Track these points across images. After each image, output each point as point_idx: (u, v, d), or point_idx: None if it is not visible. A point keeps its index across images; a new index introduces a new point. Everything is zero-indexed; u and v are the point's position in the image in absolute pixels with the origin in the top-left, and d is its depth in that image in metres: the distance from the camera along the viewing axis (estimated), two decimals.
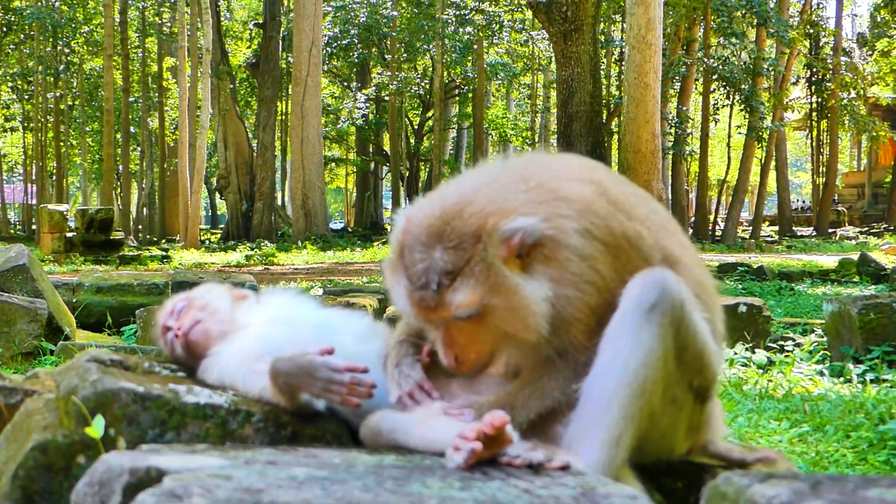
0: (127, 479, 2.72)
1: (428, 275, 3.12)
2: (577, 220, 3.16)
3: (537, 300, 3.12)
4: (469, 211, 3.14)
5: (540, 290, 3.13)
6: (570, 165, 3.50)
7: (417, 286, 3.15)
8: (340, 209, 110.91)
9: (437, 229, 3.14)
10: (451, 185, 3.36)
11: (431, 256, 3.13)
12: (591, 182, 3.31)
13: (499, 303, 3.13)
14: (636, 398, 3.09)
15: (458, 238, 3.11)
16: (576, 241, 3.14)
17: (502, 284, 3.11)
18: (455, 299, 3.12)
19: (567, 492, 2.63)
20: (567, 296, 3.16)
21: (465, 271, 3.10)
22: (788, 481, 2.51)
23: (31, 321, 9.57)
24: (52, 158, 64.81)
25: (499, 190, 3.23)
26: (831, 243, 47.83)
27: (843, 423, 6.72)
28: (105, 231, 32.37)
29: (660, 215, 3.48)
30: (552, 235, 3.13)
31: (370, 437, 3.40)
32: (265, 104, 52.39)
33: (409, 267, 3.18)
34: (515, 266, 3.13)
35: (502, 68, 58.81)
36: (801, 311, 15.10)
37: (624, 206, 3.31)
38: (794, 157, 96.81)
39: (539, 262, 3.14)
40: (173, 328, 3.84)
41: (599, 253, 3.18)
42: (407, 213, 3.31)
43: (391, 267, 3.30)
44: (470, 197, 3.19)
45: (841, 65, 56.13)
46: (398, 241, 3.26)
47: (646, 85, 22.26)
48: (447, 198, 3.23)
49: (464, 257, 3.10)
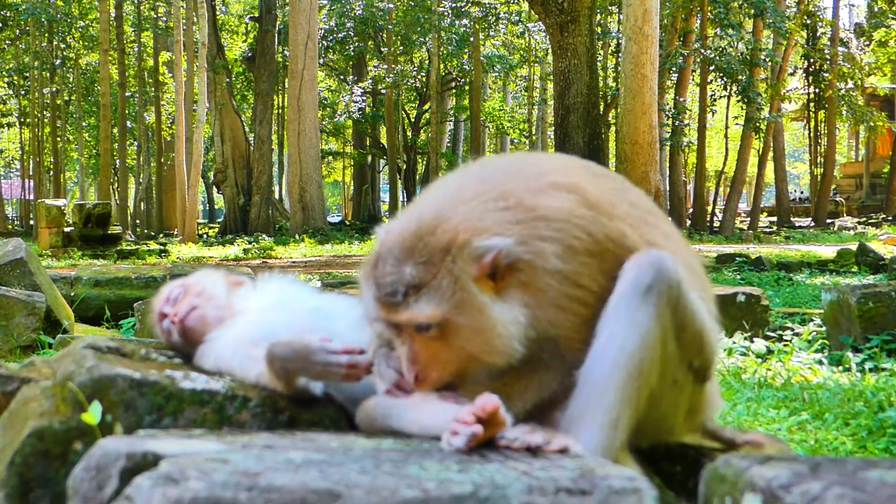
0: (124, 463, 2.72)
1: (395, 286, 3.11)
2: (557, 240, 3.13)
3: (505, 322, 3.10)
4: (443, 227, 3.12)
5: (510, 313, 3.11)
6: (548, 171, 3.41)
7: (383, 294, 3.14)
8: (338, 202, 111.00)
9: (410, 245, 3.13)
10: (430, 199, 3.33)
11: (401, 271, 3.11)
12: (569, 189, 3.26)
13: (463, 321, 3.11)
14: (634, 380, 3.08)
15: (429, 253, 3.09)
16: (555, 264, 3.12)
17: (468, 302, 3.09)
18: (417, 310, 3.09)
19: (565, 474, 2.63)
20: (549, 318, 3.15)
21: (432, 284, 3.08)
22: (788, 463, 2.51)
23: (29, 314, 9.56)
24: (50, 153, 64.78)
25: (475, 207, 3.19)
26: (829, 234, 47.85)
27: (843, 412, 6.72)
28: (103, 226, 32.35)
29: (640, 208, 3.46)
30: (529, 260, 3.11)
31: (366, 423, 3.39)
32: (261, 98, 52.39)
33: (379, 278, 3.16)
34: (487, 287, 3.11)
35: (499, 60, 58.89)
36: (799, 300, 15.10)
37: (604, 208, 3.28)
38: (792, 148, 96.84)
39: (514, 288, 3.13)
40: (169, 314, 3.83)
41: (583, 266, 3.16)
42: (388, 226, 3.29)
43: (364, 276, 3.28)
44: (446, 214, 3.17)
45: (838, 55, 56.15)
46: (375, 253, 3.25)
47: (643, 76, 22.26)
48: (424, 214, 3.21)
49: (432, 271, 3.09)
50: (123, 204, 56.18)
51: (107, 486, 2.72)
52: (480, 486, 2.49)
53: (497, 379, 3.29)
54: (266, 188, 51.75)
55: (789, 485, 2.32)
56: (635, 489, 2.55)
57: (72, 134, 68.10)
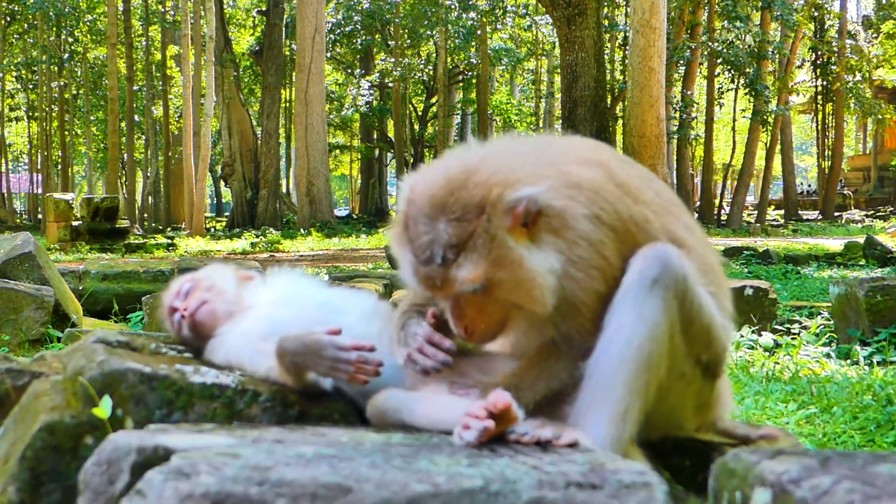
0: (135, 458, 2.72)
1: (432, 248, 3.08)
2: (587, 205, 3.12)
3: (543, 272, 3.08)
4: (474, 181, 3.09)
5: (546, 261, 3.09)
6: (578, 147, 3.45)
7: (422, 260, 3.11)
8: (345, 196, 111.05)
9: (441, 200, 3.09)
10: (457, 155, 3.30)
11: (435, 229, 3.08)
12: (599, 165, 3.27)
13: (504, 276, 3.09)
14: (641, 373, 3.08)
15: (462, 209, 3.06)
16: (584, 226, 3.10)
17: (507, 257, 3.07)
18: (460, 275, 3.08)
19: (575, 468, 2.63)
20: (575, 277, 3.13)
21: (469, 245, 3.06)
22: (798, 457, 2.50)
23: (37, 308, 9.58)
24: (57, 147, 64.80)
25: (506, 161, 3.18)
26: (837, 227, 47.79)
27: (851, 405, 6.72)
28: (110, 219, 32.41)
29: (664, 198, 3.45)
30: (560, 207, 3.09)
31: (376, 416, 3.40)
32: (269, 91, 52.41)
33: (414, 240, 3.14)
34: (521, 236, 3.08)
35: (506, 53, 58.82)
36: (807, 294, 15.09)
37: (630, 190, 3.27)
38: (800, 141, 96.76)
39: (546, 233, 3.10)
40: (179, 309, 3.84)
41: (608, 239, 3.14)
42: (411, 182, 3.25)
43: (397, 238, 3.26)
44: (475, 166, 3.14)
45: (846, 47, 56.13)
46: (403, 213, 3.22)
47: (650, 69, 22.24)
48: (452, 167, 3.18)
49: (468, 230, 3.06)
50: (131, 198, 56.24)
51: (118, 480, 2.73)
52: (491, 480, 2.49)
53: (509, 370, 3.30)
54: (273, 182, 51.78)
55: (799, 479, 2.32)
56: (645, 483, 2.55)
57: (80, 128, 68.21)
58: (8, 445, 3.39)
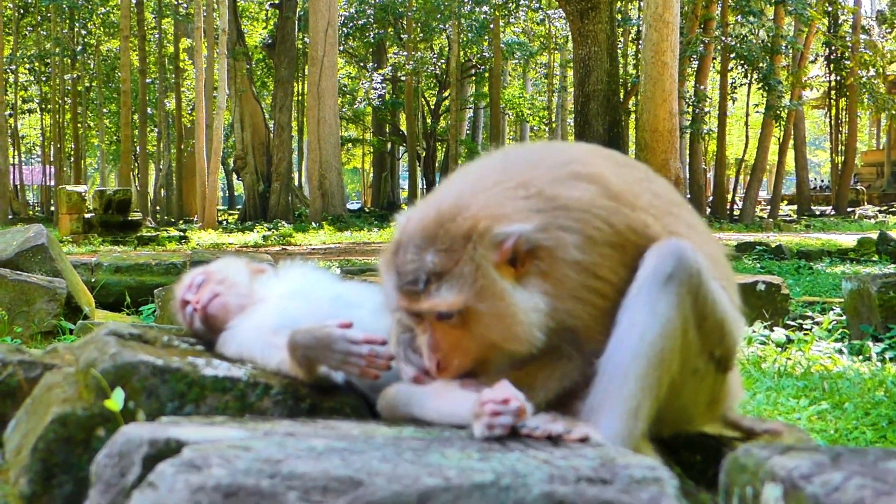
0: (146, 450, 2.74)
1: (416, 273, 3.10)
2: (577, 231, 3.11)
3: (526, 309, 3.09)
4: (464, 215, 3.10)
5: (530, 300, 3.09)
6: (570, 161, 3.39)
7: (405, 283, 3.13)
8: (357, 189, 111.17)
9: (432, 232, 3.11)
10: (452, 187, 3.32)
11: (422, 258, 3.10)
12: (591, 179, 3.24)
13: (484, 308, 3.10)
14: (654, 369, 3.07)
15: (450, 241, 3.08)
16: (575, 255, 3.10)
17: (489, 289, 3.08)
18: (438, 298, 3.08)
19: (586, 463, 2.63)
20: (567, 309, 3.13)
21: (453, 272, 3.07)
22: (809, 453, 2.50)
23: (50, 300, 9.61)
24: (70, 140, 64.93)
25: (497, 195, 3.18)
26: (850, 222, 47.72)
27: (863, 401, 6.72)
28: (123, 212, 32.45)
29: (664, 198, 3.43)
30: (549, 247, 3.09)
31: (387, 410, 3.40)
32: (281, 85, 52.44)
33: (401, 266, 3.16)
34: (508, 274, 3.09)
35: (519, 47, 58.84)
36: (819, 289, 15.07)
37: (626, 198, 3.25)
38: (813, 136, 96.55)
39: (534, 276, 3.11)
40: (192, 302, 3.84)
41: (602, 258, 3.14)
42: (408, 214, 3.28)
43: (385, 265, 3.27)
44: (466, 202, 3.15)
45: (860, 42, 55.99)
46: (395, 241, 3.23)
47: (663, 63, 22.21)
48: (444, 201, 3.20)
49: (453, 258, 3.07)
50: (143, 190, 56.27)
51: (129, 472, 2.74)
52: (501, 474, 2.49)
53: (519, 369, 3.28)
54: (285, 175, 51.83)
55: (810, 475, 2.31)
56: (656, 478, 2.55)
57: (92, 120, 68.32)
58: (20, 437, 3.40)
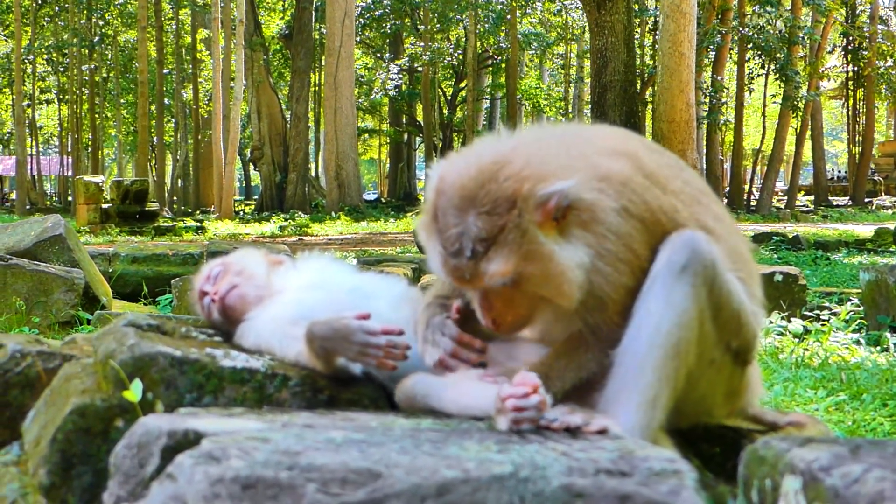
0: (165, 441, 2.75)
1: (462, 241, 3.06)
2: (616, 198, 3.11)
3: (573, 267, 3.07)
4: (505, 173, 3.06)
5: (576, 255, 3.07)
6: (607, 137, 3.43)
7: (451, 252, 3.09)
8: (374, 180, 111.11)
9: (472, 192, 3.06)
10: (488, 144, 3.27)
11: (465, 221, 3.06)
12: (627, 156, 3.26)
13: (534, 270, 3.08)
14: (670, 359, 3.07)
15: (493, 203, 3.04)
16: (613, 219, 3.09)
17: (537, 251, 3.05)
18: (489, 269, 3.06)
19: (605, 455, 2.63)
20: (603, 272, 3.12)
21: (499, 239, 3.04)
22: (828, 445, 2.50)
23: (67, 291, 9.64)
24: (88, 130, 65.14)
25: (537, 153, 3.15)
26: (867, 213, 47.63)
27: (880, 392, 6.70)
28: (140, 202, 32.51)
29: (693, 187, 3.43)
30: (590, 200, 3.07)
31: (405, 402, 3.40)
32: (298, 75, 52.46)
33: (443, 231, 3.11)
34: (551, 230, 3.06)
35: (535, 38, 58.73)
36: (836, 280, 15.05)
37: (659, 180, 3.26)
38: (830, 127, 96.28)
39: (576, 227, 3.08)
40: (210, 293, 3.85)
41: (636, 231, 3.14)
42: (441, 170, 3.22)
43: (426, 228, 3.24)
44: (507, 158, 3.11)
45: (878, 33, 55.77)
46: (432, 203, 3.19)
47: (680, 54, 22.19)
48: (483, 157, 3.15)
49: (498, 223, 3.03)
50: (161, 180, 56.48)
51: (148, 463, 2.75)
52: (520, 466, 2.49)
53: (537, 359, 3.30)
54: (302, 165, 51.88)
55: (829, 467, 2.31)
56: (675, 471, 2.54)
57: (110, 111, 68.50)
58: (39, 428, 3.41)
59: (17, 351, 3.79)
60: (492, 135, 3.36)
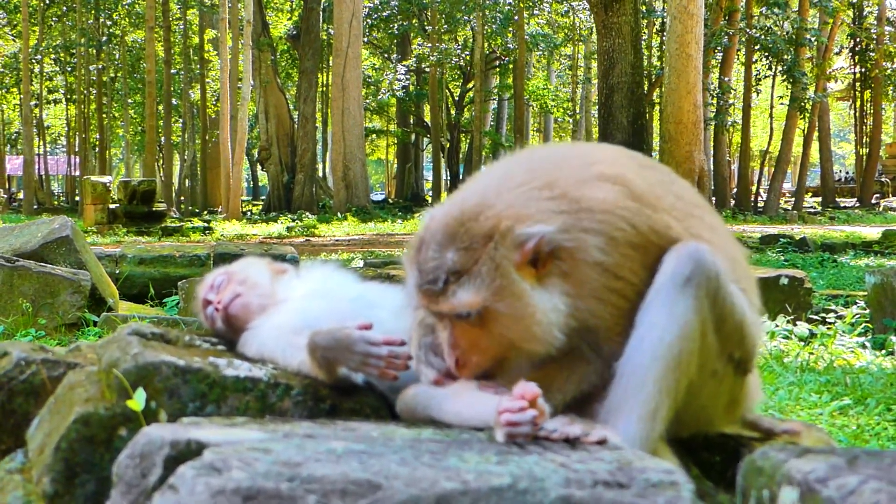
0: (168, 451, 2.76)
1: (436, 272, 3.12)
2: (600, 232, 3.12)
3: (545, 310, 3.09)
4: (486, 214, 3.12)
5: (550, 301, 3.10)
6: (595, 161, 3.40)
7: (425, 281, 3.15)
8: (381, 180, 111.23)
9: (453, 230, 3.13)
10: (476, 185, 3.35)
11: (443, 256, 3.12)
12: (614, 180, 3.25)
13: (503, 308, 3.11)
14: (672, 371, 3.08)
15: (471, 239, 3.09)
16: (597, 256, 3.11)
17: (508, 288, 3.09)
18: (456, 297, 3.10)
19: (603, 466, 2.64)
20: (589, 309, 3.14)
21: (472, 271, 3.08)
22: (825, 456, 2.51)
23: (74, 292, 9.66)
24: (95, 130, 65.17)
25: (520, 196, 3.19)
26: (875, 214, 47.57)
27: (885, 396, 6.70)
28: (147, 202, 32.54)
29: (686, 200, 3.44)
30: (571, 248, 3.10)
31: (406, 412, 3.42)
32: (306, 76, 52.50)
33: (422, 263, 3.17)
34: (529, 275, 3.10)
35: (543, 39, 58.76)
36: (843, 282, 15.04)
37: (649, 200, 3.27)
38: (838, 128, 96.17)
39: (555, 276, 3.12)
40: (213, 302, 3.87)
41: (624, 258, 3.15)
42: (432, 211, 3.31)
43: (408, 260, 3.30)
44: (490, 201, 3.17)
45: (885, 34, 55.72)
46: (418, 238, 3.25)
47: (687, 55, 22.20)
48: (468, 200, 3.22)
49: (473, 257, 3.09)
50: (168, 181, 56.41)
51: (151, 473, 2.76)
52: (519, 477, 2.50)
53: (538, 370, 3.30)
54: (310, 166, 51.92)
55: (826, 478, 2.32)
56: (672, 482, 2.55)
57: (117, 111, 68.56)
58: (43, 436, 3.43)
59: (22, 359, 3.80)
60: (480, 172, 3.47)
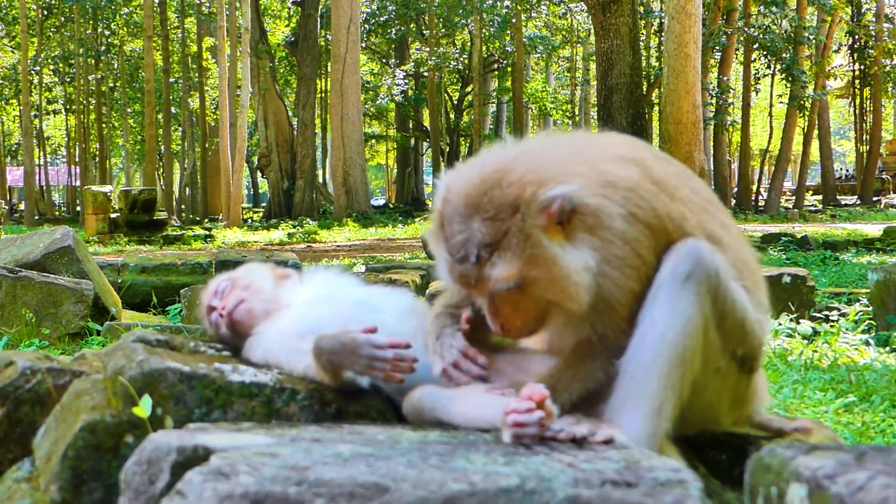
0: (175, 457, 2.75)
1: (467, 247, 3.09)
2: (622, 203, 3.12)
3: (578, 269, 3.08)
4: (508, 180, 3.10)
5: (581, 258, 3.09)
6: (614, 144, 3.43)
7: (457, 259, 3.13)
8: (381, 186, 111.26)
9: (476, 199, 3.10)
10: (492, 153, 3.31)
11: (470, 228, 3.09)
12: (635, 162, 3.26)
13: (538, 274, 3.09)
14: (676, 368, 3.09)
15: (496, 208, 3.07)
16: (619, 224, 3.10)
17: (541, 255, 3.07)
18: (494, 273, 3.08)
19: (611, 465, 2.64)
20: (610, 276, 3.13)
21: (503, 243, 3.06)
22: (833, 453, 2.50)
23: (77, 302, 9.64)
24: (95, 140, 65.23)
25: (540, 160, 3.19)
26: (876, 212, 47.51)
27: (890, 393, 6.69)
28: (148, 211, 32.55)
29: (701, 195, 3.45)
30: (594, 205, 3.09)
31: (413, 414, 3.42)
32: (304, 82, 52.51)
33: (449, 238, 3.16)
34: (556, 234, 3.08)
35: (541, 41, 58.76)
36: (845, 280, 15.02)
37: (667, 187, 3.27)
38: (837, 126, 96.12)
39: (581, 231, 3.10)
40: (217, 308, 3.87)
41: (643, 236, 3.15)
42: (447, 181, 3.27)
43: (433, 237, 3.29)
44: (509, 165, 3.15)
45: (883, 31, 55.71)
46: (439, 212, 3.24)
47: (686, 55, 22.15)
48: (486, 166, 3.19)
49: (501, 228, 3.06)
50: (169, 189, 56.39)
51: (158, 480, 2.76)
52: (526, 478, 2.50)
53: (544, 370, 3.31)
54: (310, 172, 51.91)
55: (834, 475, 2.31)
56: (680, 481, 2.55)
57: (117, 120, 68.61)
58: (50, 444, 3.43)
59: (28, 368, 3.80)
60: (497, 144, 3.38)
